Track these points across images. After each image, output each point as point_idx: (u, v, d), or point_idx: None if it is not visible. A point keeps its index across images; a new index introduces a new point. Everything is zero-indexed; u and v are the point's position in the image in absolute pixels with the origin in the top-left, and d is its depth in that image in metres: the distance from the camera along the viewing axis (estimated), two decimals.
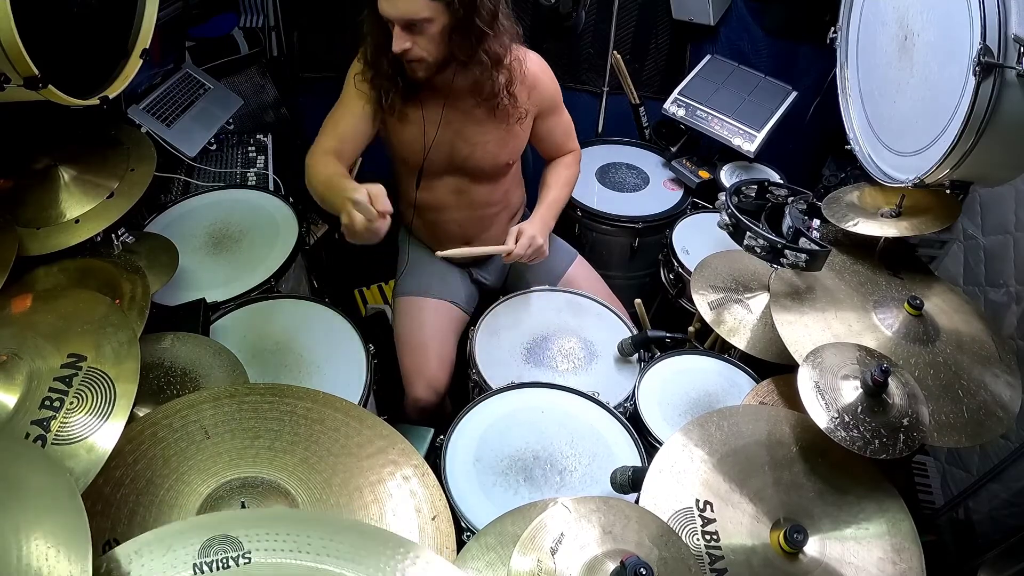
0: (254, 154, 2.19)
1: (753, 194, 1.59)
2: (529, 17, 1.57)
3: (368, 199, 1.24)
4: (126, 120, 1.92)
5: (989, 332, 1.33)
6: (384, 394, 1.66)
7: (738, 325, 1.49)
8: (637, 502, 1.08)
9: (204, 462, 1.05)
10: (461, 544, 1.11)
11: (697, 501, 1.09)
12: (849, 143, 1.59)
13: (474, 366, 1.54)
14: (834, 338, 1.28)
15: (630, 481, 1.18)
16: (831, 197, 1.53)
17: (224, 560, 0.79)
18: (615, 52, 2.37)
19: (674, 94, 2.28)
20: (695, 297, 1.55)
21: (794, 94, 2.18)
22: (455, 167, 1.66)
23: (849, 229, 1.41)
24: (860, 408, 1.10)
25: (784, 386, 1.38)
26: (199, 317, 1.47)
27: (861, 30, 1.58)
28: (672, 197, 2.20)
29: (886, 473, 1.16)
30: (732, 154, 2.19)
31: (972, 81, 1.10)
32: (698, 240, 1.95)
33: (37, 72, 1.08)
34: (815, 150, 2.40)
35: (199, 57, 2.33)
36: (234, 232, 1.79)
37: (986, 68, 1.07)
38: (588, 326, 1.66)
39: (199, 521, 0.86)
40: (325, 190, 1.41)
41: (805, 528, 1.05)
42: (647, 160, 2.35)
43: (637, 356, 1.59)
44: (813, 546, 1.06)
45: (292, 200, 1.88)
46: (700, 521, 1.07)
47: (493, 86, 1.52)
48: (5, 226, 1.33)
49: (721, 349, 1.64)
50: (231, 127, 2.26)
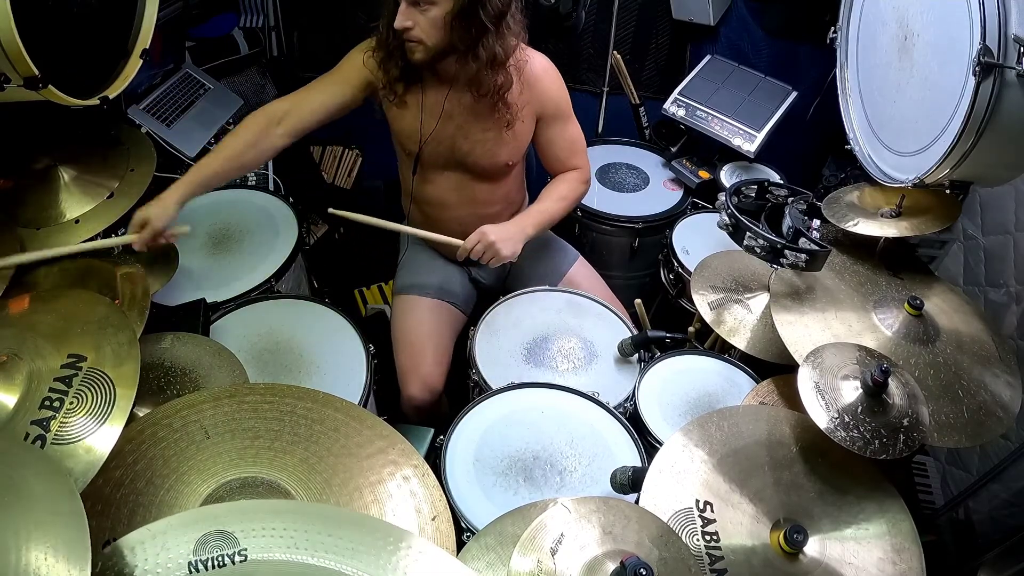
0: None
1: (753, 194, 1.59)
2: (529, 17, 1.57)
3: (139, 224, 1.40)
4: (126, 120, 1.92)
5: (989, 332, 1.33)
6: (384, 394, 1.66)
7: (738, 325, 1.49)
8: (637, 502, 1.08)
9: (204, 462, 1.05)
10: (461, 544, 1.11)
11: (697, 501, 1.09)
12: (849, 143, 1.59)
13: (474, 366, 1.54)
14: (834, 338, 1.28)
15: (630, 481, 1.18)
16: (831, 197, 1.53)
17: (219, 558, 0.79)
18: (615, 52, 2.37)
19: (674, 94, 2.28)
20: (695, 297, 1.55)
21: (794, 94, 2.18)
22: (456, 162, 1.66)
23: (849, 229, 1.41)
24: (860, 408, 1.10)
25: (784, 386, 1.38)
26: (199, 317, 1.47)
27: (861, 30, 1.58)
28: (672, 197, 2.20)
29: (886, 473, 1.16)
30: (732, 154, 2.19)
31: (972, 81, 1.10)
32: (698, 240, 1.95)
33: (37, 72, 1.09)
34: (815, 150, 2.40)
35: (199, 57, 2.33)
36: (234, 232, 1.80)
37: (986, 68, 1.07)
38: (588, 326, 1.66)
39: (193, 515, 0.84)
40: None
41: (805, 528, 1.05)
42: (647, 160, 2.35)
43: (637, 356, 1.58)
44: (813, 546, 1.06)
45: (292, 200, 1.89)
46: (700, 521, 1.07)
47: (489, 84, 1.51)
48: (6, 229, 1.33)
49: (721, 349, 1.64)
50: (231, 127, 2.25)
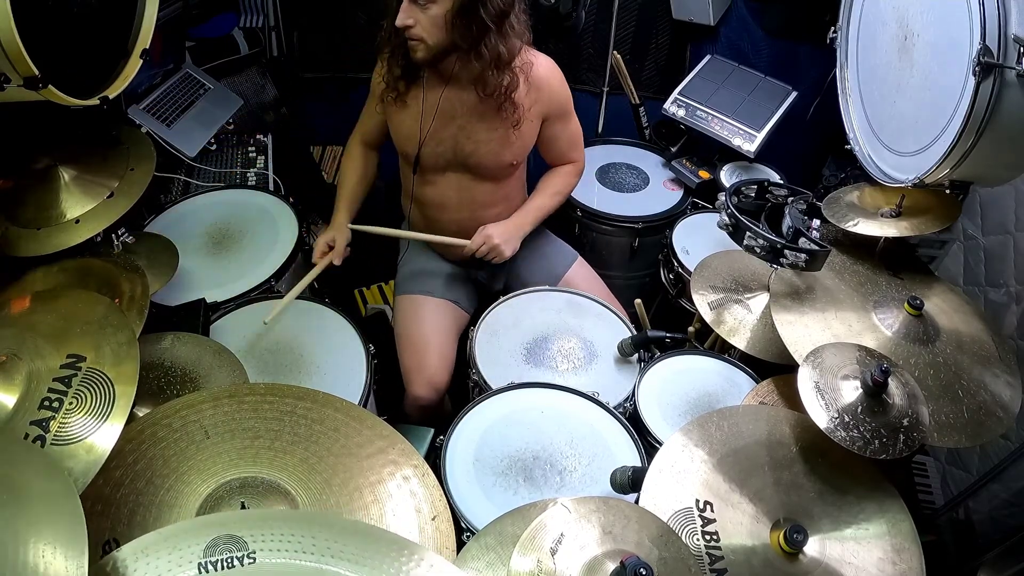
0: (254, 154, 2.19)
1: (753, 194, 1.59)
2: (530, 18, 1.58)
3: (322, 249, 1.71)
4: (126, 120, 1.92)
5: (989, 332, 1.33)
6: (384, 394, 1.66)
7: (738, 325, 1.49)
8: (637, 502, 1.08)
9: (204, 462, 1.05)
10: (461, 544, 1.11)
11: (697, 501, 1.09)
12: (849, 143, 1.59)
13: (474, 366, 1.54)
14: (834, 338, 1.28)
15: (630, 481, 1.17)
16: (831, 197, 1.53)
17: (229, 560, 0.79)
18: (615, 52, 2.37)
19: (674, 94, 2.28)
20: (695, 297, 1.55)
21: (794, 94, 2.18)
22: (458, 163, 1.66)
23: (849, 229, 1.41)
24: (860, 408, 1.10)
25: (784, 386, 1.38)
26: (199, 317, 1.47)
27: (861, 30, 1.58)
28: (672, 197, 2.20)
29: (886, 473, 1.16)
30: (732, 154, 2.19)
31: (972, 81, 1.10)
32: (698, 240, 1.95)
33: (37, 72, 1.08)
34: (815, 150, 2.40)
35: (199, 57, 2.33)
36: (234, 232, 1.79)
37: (986, 68, 1.07)
38: (588, 326, 1.66)
39: (204, 520, 0.86)
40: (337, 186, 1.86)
41: (805, 528, 1.05)
42: (647, 160, 2.35)
43: (637, 356, 1.58)
44: (813, 546, 1.06)
45: (292, 200, 1.88)
46: (700, 521, 1.07)
47: (495, 85, 1.51)
48: (6, 229, 1.33)
49: (721, 349, 1.64)
50: (231, 127, 2.26)
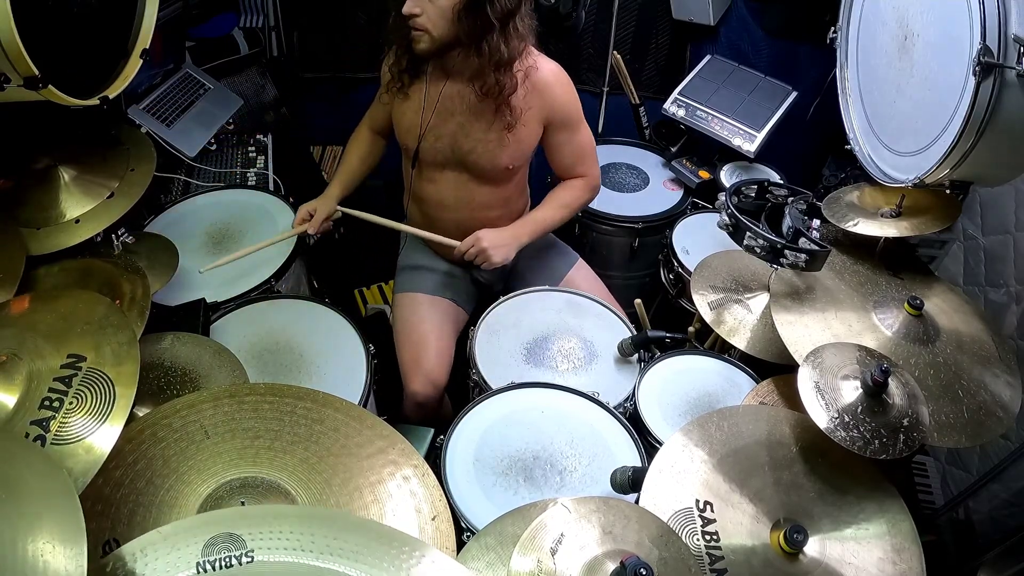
0: (254, 154, 2.19)
1: (753, 194, 1.59)
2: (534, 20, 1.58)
3: (306, 213, 1.73)
4: (126, 120, 1.92)
5: (989, 332, 1.33)
6: (384, 394, 1.66)
7: (738, 325, 1.49)
8: (637, 502, 1.08)
9: (204, 462, 1.05)
10: (461, 544, 1.11)
11: (697, 501, 1.09)
12: (849, 143, 1.59)
13: (474, 366, 1.54)
14: (834, 338, 1.28)
15: (630, 481, 1.17)
16: (831, 197, 1.53)
17: (227, 559, 0.79)
18: (615, 52, 2.37)
19: (674, 94, 2.28)
20: (695, 297, 1.55)
21: (794, 94, 2.18)
22: (456, 161, 1.66)
23: (849, 229, 1.41)
24: (860, 408, 1.10)
25: (784, 386, 1.38)
26: (199, 317, 1.47)
27: (861, 30, 1.58)
28: (672, 197, 2.20)
29: (886, 473, 1.16)
30: (732, 154, 2.19)
31: (972, 81, 1.10)
32: (698, 240, 1.95)
33: (37, 72, 1.08)
34: (815, 150, 2.40)
35: (199, 57, 2.33)
36: (234, 232, 1.79)
37: (986, 68, 1.07)
38: (588, 326, 1.66)
39: (203, 518, 0.86)
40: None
41: (805, 528, 1.05)
42: (647, 160, 2.35)
43: (637, 356, 1.58)
44: (813, 546, 1.06)
45: (292, 200, 1.88)
46: (700, 521, 1.07)
47: (492, 84, 1.51)
48: (13, 234, 1.33)
49: (721, 349, 1.64)
50: (231, 127, 2.26)
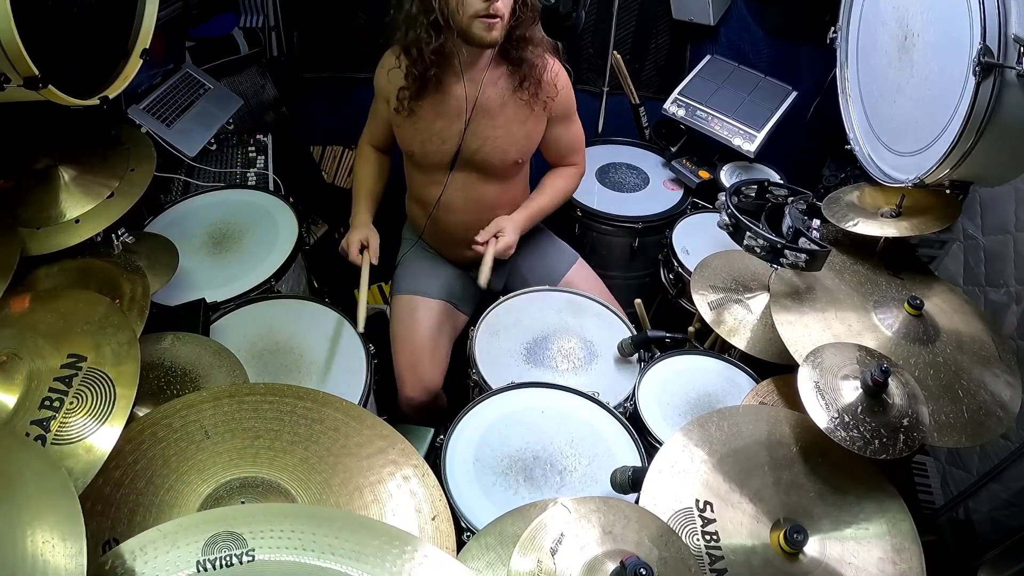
0: (254, 154, 2.19)
1: (753, 194, 1.59)
2: None
3: (357, 248, 1.68)
4: (126, 120, 1.92)
5: (989, 332, 1.33)
6: (384, 394, 1.66)
7: (738, 325, 1.49)
8: (637, 502, 1.08)
9: (204, 462, 1.05)
10: (461, 544, 1.11)
11: (697, 501, 1.09)
12: (849, 143, 1.59)
13: (474, 366, 1.54)
14: (834, 338, 1.28)
15: (630, 481, 1.18)
16: (831, 197, 1.53)
17: (228, 558, 0.79)
18: (615, 52, 2.37)
19: (674, 94, 2.28)
20: (695, 297, 1.55)
21: (794, 94, 2.18)
22: (463, 160, 1.65)
23: (849, 229, 1.41)
24: (860, 408, 1.10)
25: (784, 386, 1.38)
26: (199, 317, 1.47)
27: (861, 30, 1.58)
28: (672, 197, 2.20)
29: (886, 473, 1.16)
30: (732, 154, 2.19)
31: (972, 81, 1.10)
32: (698, 240, 1.95)
33: (37, 72, 1.08)
34: (815, 150, 2.40)
35: (199, 57, 2.33)
36: (234, 232, 1.79)
37: (986, 68, 1.07)
38: (588, 326, 1.66)
39: (203, 516, 0.86)
40: (352, 187, 1.85)
41: (805, 528, 1.05)
42: (647, 160, 2.35)
43: (637, 356, 1.58)
44: (813, 546, 1.06)
45: (292, 200, 1.88)
46: (700, 521, 1.07)
47: (534, 69, 1.56)
48: (8, 229, 1.33)
49: (721, 349, 1.64)
50: (231, 127, 2.26)
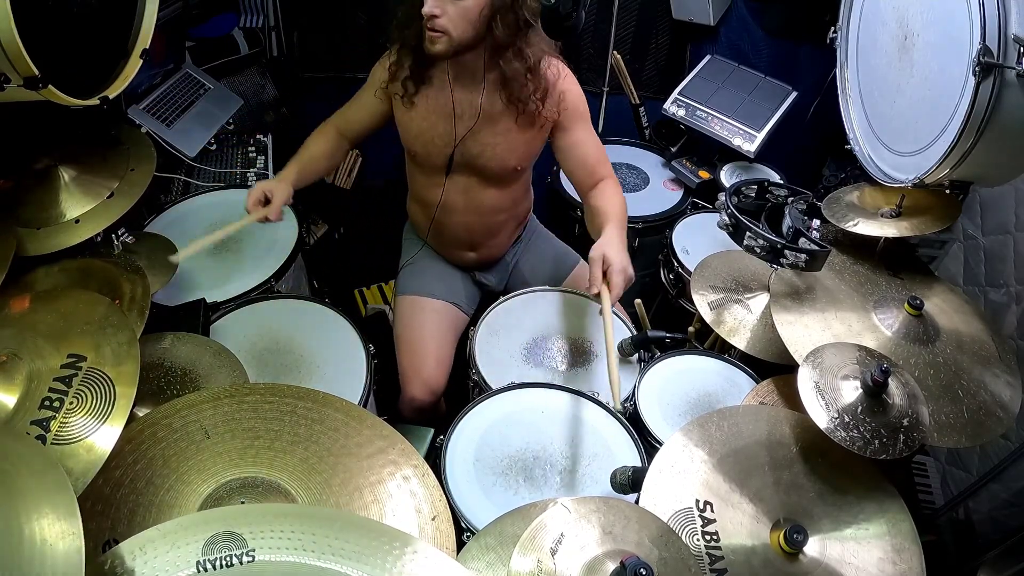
0: (254, 154, 2.19)
1: (753, 194, 1.59)
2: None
3: (262, 195, 1.58)
4: (126, 120, 1.92)
5: (989, 332, 1.33)
6: (384, 394, 1.66)
7: (738, 325, 1.49)
8: (637, 502, 1.08)
9: (204, 462, 1.05)
10: (461, 544, 1.11)
11: (697, 501, 1.09)
12: (849, 143, 1.59)
13: (474, 366, 1.54)
14: (834, 338, 1.28)
15: (630, 481, 1.17)
16: (831, 197, 1.53)
17: (228, 558, 0.79)
18: (615, 52, 2.37)
19: (674, 94, 2.28)
20: (695, 297, 1.55)
21: (794, 94, 2.18)
22: (464, 164, 1.64)
23: (849, 229, 1.41)
24: (860, 408, 1.10)
25: (784, 386, 1.38)
26: (199, 317, 1.47)
27: (861, 30, 1.58)
28: (672, 197, 2.20)
29: (886, 473, 1.16)
30: (732, 154, 2.19)
31: (972, 81, 1.10)
32: (698, 240, 1.95)
33: (37, 72, 1.08)
34: (815, 150, 2.40)
35: (199, 57, 2.33)
36: (234, 232, 1.79)
37: (986, 68, 1.07)
38: (588, 326, 1.66)
39: (202, 516, 0.86)
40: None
41: (805, 528, 1.05)
42: (647, 160, 2.35)
43: (637, 356, 1.58)
44: (813, 546, 1.06)
45: (292, 201, 1.88)
46: (700, 521, 1.07)
47: (525, 86, 1.49)
48: (6, 229, 1.33)
49: (721, 349, 1.64)
50: (231, 127, 2.26)
